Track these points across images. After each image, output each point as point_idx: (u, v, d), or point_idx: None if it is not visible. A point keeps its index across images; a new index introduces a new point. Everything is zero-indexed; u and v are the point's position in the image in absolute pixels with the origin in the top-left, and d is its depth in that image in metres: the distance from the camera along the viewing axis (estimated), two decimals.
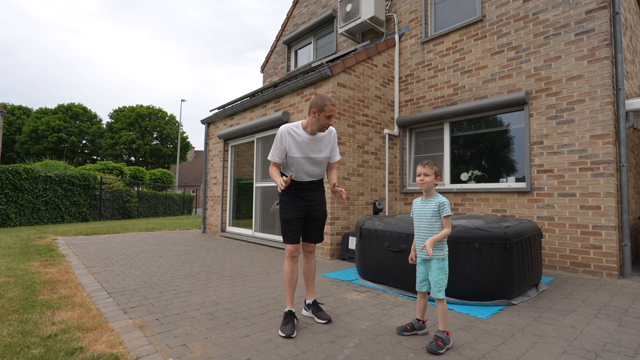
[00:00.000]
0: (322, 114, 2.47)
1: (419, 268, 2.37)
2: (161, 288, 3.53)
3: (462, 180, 5.65)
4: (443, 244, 2.28)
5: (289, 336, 2.31)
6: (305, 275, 2.76)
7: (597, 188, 4.19)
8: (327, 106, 2.45)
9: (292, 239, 2.60)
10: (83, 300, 3.07)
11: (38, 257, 5.04)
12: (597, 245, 4.15)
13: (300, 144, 2.54)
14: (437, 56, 5.94)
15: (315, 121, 2.50)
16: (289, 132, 2.53)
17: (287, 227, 2.60)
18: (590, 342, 2.29)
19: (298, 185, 2.61)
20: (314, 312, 2.67)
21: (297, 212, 2.59)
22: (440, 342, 2.13)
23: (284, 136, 2.52)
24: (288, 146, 2.53)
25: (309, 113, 2.52)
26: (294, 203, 2.59)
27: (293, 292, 2.57)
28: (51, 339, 2.24)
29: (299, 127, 2.55)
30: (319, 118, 2.48)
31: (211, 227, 8.42)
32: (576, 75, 4.41)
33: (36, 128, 32.94)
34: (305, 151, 2.56)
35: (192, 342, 2.25)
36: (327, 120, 2.49)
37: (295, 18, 9.64)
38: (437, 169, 2.32)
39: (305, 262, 2.76)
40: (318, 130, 2.53)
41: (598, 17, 4.28)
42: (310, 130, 2.54)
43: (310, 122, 2.53)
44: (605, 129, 4.17)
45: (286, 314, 2.49)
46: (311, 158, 2.59)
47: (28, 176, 10.40)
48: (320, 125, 2.51)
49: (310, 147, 2.57)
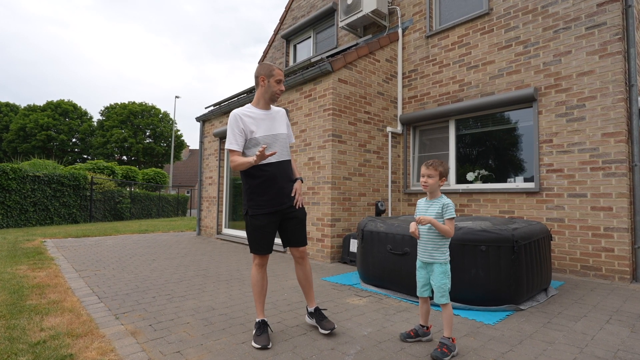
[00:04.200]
0: (271, 79, 2.45)
1: (420, 272, 2.36)
2: (154, 293, 3.53)
3: (468, 180, 5.65)
4: (445, 248, 2.28)
5: (265, 347, 2.25)
6: (302, 283, 2.61)
7: (609, 188, 4.19)
8: (275, 70, 2.46)
9: (263, 249, 2.43)
10: (73, 305, 3.07)
11: (26, 261, 5.04)
12: (609, 248, 4.15)
13: (257, 120, 2.45)
14: (442, 51, 5.94)
15: (266, 89, 2.47)
16: (243, 113, 2.43)
17: (258, 234, 2.42)
18: (601, 348, 2.29)
19: (266, 176, 2.41)
20: (318, 321, 2.53)
21: (271, 216, 2.42)
22: (446, 349, 2.13)
23: (238, 118, 2.41)
24: (246, 126, 2.40)
25: (257, 85, 2.50)
26: (265, 207, 2.41)
27: (263, 301, 2.48)
28: (40, 346, 2.24)
29: (250, 107, 2.50)
30: (270, 84, 2.46)
31: (206, 229, 8.42)
32: (587, 70, 4.41)
33: (24, 126, 32.95)
34: (266, 128, 2.46)
35: (187, 349, 2.25)
36: (277, 85, 2.47)
37: (294, 11, 9.65)
38: (442, 170, 2.28)
39: (299, 268, 2.59)
40: (270, 99, 2.50)
41: (610, 10, 4.28)
42: (262, 103, 2.51)
43: (260, 94, 2.49)
44: (617, 127, 4.17)
45: (259, 324, 2.38)
46: (274, 135, 2.48)
47: (15, 176, 10.40)
48: (271, 92, 2.47)
49: (268, 124, 2.48)
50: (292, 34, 9.49)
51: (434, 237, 2.28)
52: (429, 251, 2.29)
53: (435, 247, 2.27)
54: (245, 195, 2.48)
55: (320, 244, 5.37)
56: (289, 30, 9.41)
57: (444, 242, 2.28)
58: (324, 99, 5.43)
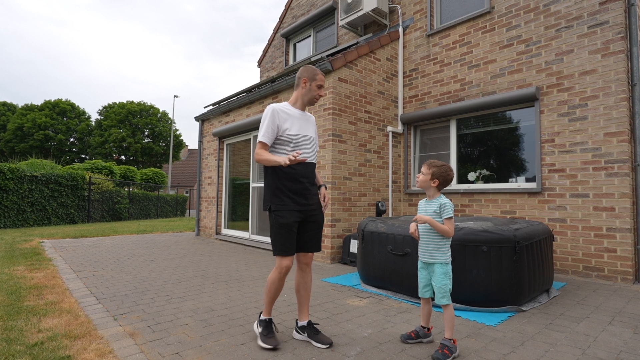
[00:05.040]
0: (313, 83, 2.45)
1: (421, 273, 2.37)
2: (153, 294, 3.53)
3: (469, 180, 5.65)
4: (446, 248, 2.29)
5: (276, 348, 2.22)
6: (300, 293, 2.47)
7: (612, 188, 4.19)
8: (319, 75, 2.46)
9: (289, 250, 2.33)
10: (71, 306, 3.07)
11: (23, 261, 5.04)
12: (612, 248, 4.15)
13: (293, 118, 2.43)
14: (443, 50, 5.94)
15: (307, 92, 2.47)
16: (280, 109, 2.41)
17: (284, 234, 2.32)
18: (604, 350, 2.29)
19: (294, 174, 2.37)
20: (311, 336, 2.38)
21: (296, 214, 2.36)
22: (447, 351, 2.13)
23: (276, 112, 2.38)
24: (281, 122, 2.37)
25: (297, 85, 2.49)
26: (290, 204, 2.36)
27: (273, 302, 2.42)
28: (37, 347, 2.24)
29: (287, 104, 2.49)
30: (311, 88, 2.46)
31: (205, 230, 8.42)
32: (589, 69, 4.41)
33: (21, 125, 32.93)
34: (299, 127, 2.43)
35: (186, 351, 2.25)
36: (318, 90, 2.47)
37: (294, 10, 9.65)
38: (435, 170, 2.28)
39: (301, 276, 2.48)
40: (308, 102, 2.50)
41: (612, 9, 4.28)
42: (300, 104, 2.50)
43: (300, 94, 2.49)
44: (619, 127, 4.17)
45: (266, 323, 2.34)
46: (307, 135, 2.47)
47: (13, 176, 10.40)
48: (311, 96, 2.47)
49: (302, 124, 2.46)
50: (292, 32, 9.50)
51: (434, 237, 2.29)
52: (429, 251, 2.30)
53: (436, 247, 2.28)
54: (269, 190, 2.42)
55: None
56: (289, 29, 9.41)
57: (445, 242, 2.29)
58: (324, 98, 5.43)
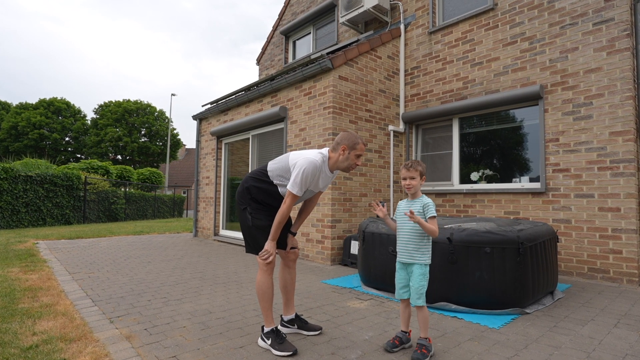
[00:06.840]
0: (352, 152, 2.41)
1: (399, 274, 2.39)
2: (150, 296, 3.53)
3: (472, 180, 5.65)
4: (427, 249, 2.32)
5: (296, 352, 2.24)
6: (287, 288, 2.61)
7: (617, 189, 4.19)
8: (359, 144, 2.41)
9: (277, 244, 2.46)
10: (66, 308, 3.07)
11: (18, 263, 5.04)
12: (617, 249, 4.15)
13: (321, 179, 2.46)
14: (445, 47, 5.94)
15: (344, 159, 2.42)
16: (321, 169, 2.42)
17: (262, 234, 2.43)
18: (609, 353, 2.29)
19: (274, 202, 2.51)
20: (301, 327, 2.57)
21: (272, 217, 2.45)
22: (425, 350, 2.19)
23: (317, 170, 2.37)
24: (314, 180, 2.40)
25: (335, 148, 2.43)
26: (265, 210, 2.49)
27: (272, 307, 2.43)
28: (32, 351, 2.24)
29: (326, 162, 2.45)
30: (349, 156, 2.41)
31: (203, 231, 8.42)
32: (594, 67, 4.41)
33: (16, 124, 32.93)
34: (316, 185, 2.46)
35: (183, 354, 2.25)
36: (356, 159, 2.44)
37: (293, 6, 9.65)
38: (421, 169, 2.35)
39: (288, 273, 2.62)
40: (344, 170, 2.48)
41: (618, 6, 4.28)
42: (334, 167, 2.47)
43: (336, 159, 2.43)
44: (625, 126, 4.17)
45: (276, 332, 2.34)
46: (314, 191, 2.53)
47: (7, 176, 10.40)
48: (348, 164, 2.43)
49: (322, 183, 2.49)
50: (291, 30, 9.49)
51: (414, 237, 2.31)
52: (409, 251, 2.33)
53: (416, 248, 2.31)
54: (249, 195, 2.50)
55: (320, 245, 5.37)
56: (288, 26, 9.41)
57: (425, 242, 2.32)
58: (324, 97, 5.43)
